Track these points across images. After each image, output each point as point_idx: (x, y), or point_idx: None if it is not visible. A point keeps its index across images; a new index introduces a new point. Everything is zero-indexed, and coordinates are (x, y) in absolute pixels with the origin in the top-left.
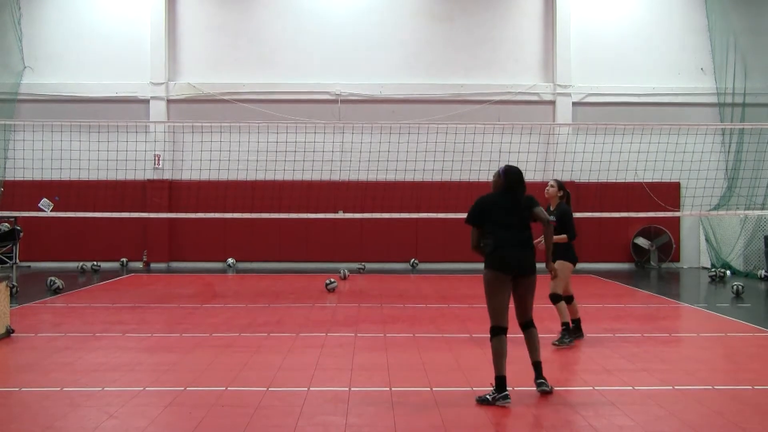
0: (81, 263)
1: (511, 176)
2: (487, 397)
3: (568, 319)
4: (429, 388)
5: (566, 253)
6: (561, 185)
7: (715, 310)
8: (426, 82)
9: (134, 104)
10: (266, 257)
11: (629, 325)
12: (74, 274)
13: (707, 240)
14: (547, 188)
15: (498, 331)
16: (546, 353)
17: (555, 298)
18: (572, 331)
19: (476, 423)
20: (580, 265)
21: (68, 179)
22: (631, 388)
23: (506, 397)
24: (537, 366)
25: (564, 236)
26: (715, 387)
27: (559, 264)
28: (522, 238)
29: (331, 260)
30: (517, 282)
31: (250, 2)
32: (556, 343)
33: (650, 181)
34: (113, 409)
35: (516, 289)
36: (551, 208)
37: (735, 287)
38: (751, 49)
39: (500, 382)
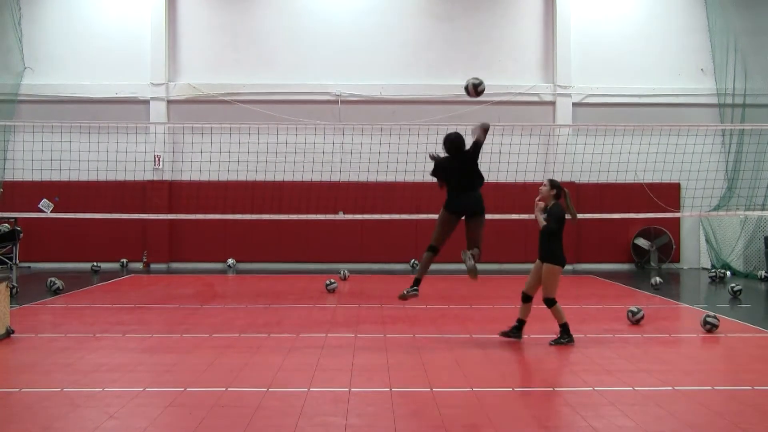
0: (92, 263)
1: (446, 143)
2: (405, 291)
3: (566, 320)
4: (429, 389)
5: (553, 255)
6: (553, 184)
7: (715, 310)
8: (426, 83)
9: (134, 105)
10: (266, 258)
11: (629, 325)
12: (74, 275)
13: (707, 241)
14: (540, 188)
15: (430, 248)
16: (546, 354)
17: (549, 302)
18: (513, 330)
19: (476, 423)
20: (580, 266)
21: (68, 180)
22: (630, 388)
23: (416, 291)
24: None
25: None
26: (715, 387)
27: (546, 267)
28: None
29: (331, 261)
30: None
31: (250, 3)
32: (553, 342)
33: (650, 181)
34: (113, 409)
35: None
36: (547, 207)
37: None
38: (751, 49)
39: (416, 282)
